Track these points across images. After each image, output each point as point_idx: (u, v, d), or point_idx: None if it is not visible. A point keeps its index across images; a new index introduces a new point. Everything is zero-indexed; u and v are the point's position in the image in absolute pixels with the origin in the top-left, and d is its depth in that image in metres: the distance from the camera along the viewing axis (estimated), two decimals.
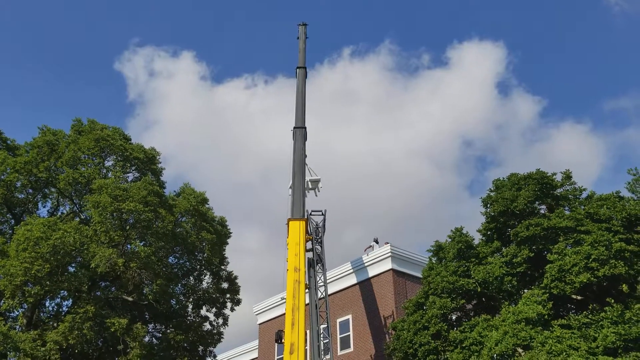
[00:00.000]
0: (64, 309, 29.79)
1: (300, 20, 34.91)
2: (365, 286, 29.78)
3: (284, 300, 22.92)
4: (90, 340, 26.32)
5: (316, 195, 28.07)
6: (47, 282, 25.60)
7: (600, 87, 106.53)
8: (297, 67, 32.28)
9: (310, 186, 27.53)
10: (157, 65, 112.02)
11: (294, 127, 28.89)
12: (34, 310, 28.10)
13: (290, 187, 26.75)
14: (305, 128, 29.00)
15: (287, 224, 24.51)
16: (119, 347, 26.72)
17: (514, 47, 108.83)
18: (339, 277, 30.91)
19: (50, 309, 30.57)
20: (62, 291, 28.24)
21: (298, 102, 30.16)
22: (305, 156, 28.12)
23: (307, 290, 23.34)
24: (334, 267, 31.01)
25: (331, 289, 29.28)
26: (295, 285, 22.24)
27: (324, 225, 26.47)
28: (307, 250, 24.59)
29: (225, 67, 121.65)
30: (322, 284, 24.85)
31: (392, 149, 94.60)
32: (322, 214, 26.80)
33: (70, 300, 29.34)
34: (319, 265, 25.02)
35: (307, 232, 24.85)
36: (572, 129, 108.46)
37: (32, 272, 24.54)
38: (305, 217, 25.13)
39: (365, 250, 30.22)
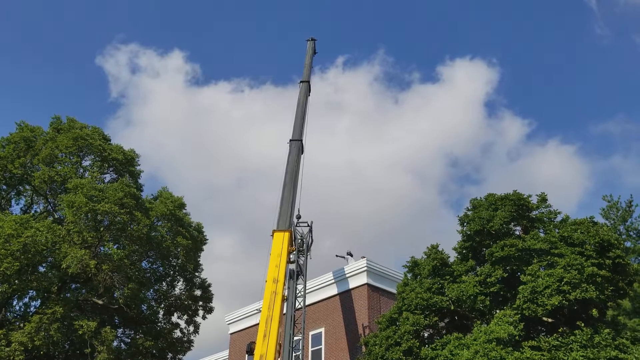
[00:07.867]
0: (32, 309, 29.19)
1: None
2: (339, 300, 29.68)
3: (259, 311, 22.67)
4: (57, 342, 25.80)
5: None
6: (16, 281, 25.12)
7: (589, 110, 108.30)
8: (301, 81, 32.41)
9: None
10: (142, 63, 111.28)
11: (290, 140, 28.81)
12: (0, 309, 27.49)
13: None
14: (301, 141, 28.92)
15: (272, 235, 24.32)
16: (86, 351, 26.21)
17: (505, 65, 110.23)
18: (313, 290, 30.73)
19: (18, 308, 29.96)
20: (31, 291, 27.68)
21: (297, 115, 30.24)
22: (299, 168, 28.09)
23: (285, 301, 23.16)
24: (308, 279, 30.87)
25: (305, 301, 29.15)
26: (272, 297, 22.03)
27: (310, 237, 26.31)
28: (291, 262, 24.39)
29: (211, 70, 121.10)
30: (300, 295, 24.67)
31: (375, 163, 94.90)
32: (308, 225, 26.67)
33: (39, 301, 28.76)
34: (300, 277, 24.84)
35: (292, 244, 24.62)
36: (558, 149, 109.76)
37: (1, 269, 24.04)
38: (291, 228, 24.93)
39: (337, 256, 30.33)
